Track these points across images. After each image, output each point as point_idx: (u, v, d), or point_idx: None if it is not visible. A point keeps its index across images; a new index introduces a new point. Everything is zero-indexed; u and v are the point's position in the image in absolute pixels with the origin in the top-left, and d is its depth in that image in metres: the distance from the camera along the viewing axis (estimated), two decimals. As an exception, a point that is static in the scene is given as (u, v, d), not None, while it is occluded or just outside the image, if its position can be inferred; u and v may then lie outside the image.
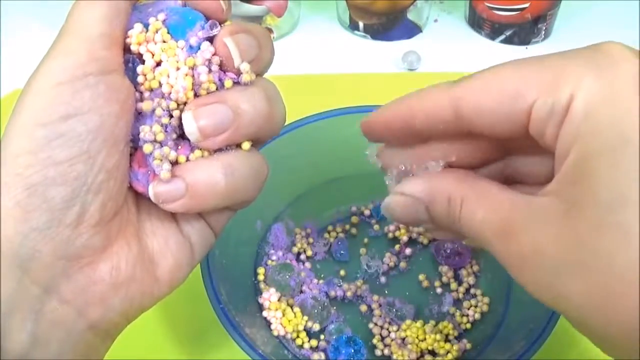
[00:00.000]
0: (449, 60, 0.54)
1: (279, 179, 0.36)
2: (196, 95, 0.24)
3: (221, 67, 0.24)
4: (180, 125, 0.24)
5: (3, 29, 0.57)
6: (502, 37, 0.55)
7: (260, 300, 0.35)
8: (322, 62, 0.54)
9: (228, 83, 0.24)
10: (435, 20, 0.59)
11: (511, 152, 0.25)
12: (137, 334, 0.25)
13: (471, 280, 0.37)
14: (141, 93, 0.24)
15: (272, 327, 0.34)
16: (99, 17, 0.23)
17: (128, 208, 0.25)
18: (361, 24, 0.55)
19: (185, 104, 0.24)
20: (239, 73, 0.24)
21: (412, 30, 0.56)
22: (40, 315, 0.22)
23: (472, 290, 0.37)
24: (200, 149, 0.25)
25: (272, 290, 0.35)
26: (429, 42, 0.56)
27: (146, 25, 0.24)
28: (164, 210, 0.25)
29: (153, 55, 0.24)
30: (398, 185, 0.25)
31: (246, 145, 0.25)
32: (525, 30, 0.54)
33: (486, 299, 0.36)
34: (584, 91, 0.19)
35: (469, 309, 0.36)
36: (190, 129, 0.23)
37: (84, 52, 0.22)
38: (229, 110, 0.24)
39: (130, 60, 0.24)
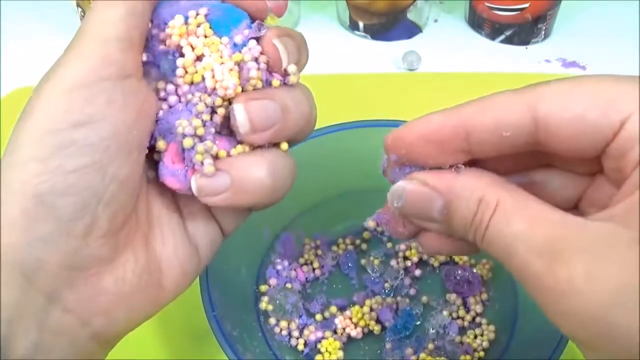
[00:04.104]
0: (449, 60, 0.54)
1: (292, 187, 0.36)
2: (242, 90, 0.24)
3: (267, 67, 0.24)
4: (221, 122, 0.24)
5: (3, 29, 0.57)
6: (502, 37, 0.55)
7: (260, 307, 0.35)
8: (322, 62, 0.54)
9: (276, 82, 0.24)
10: (435, 20, 0.59)
11: (538, 166, 0.23)
12: (131, 336, 0.25)
13: (479, 308, 0.36)
14: (177, 86, 0.24)
15: (270, 327, 0.34)
16: (116, 19, 0.22)
17: (137, 217, 0.24)
18: (361, 24, 0.55)
19: (229, 101, 0.24)
20: (283, 75, 0.24)
21: (412, 30, 0.56)
22: (44, 324, 0.21)
23: (478, 319, 0.36)
24: (242, 145, 0.24)
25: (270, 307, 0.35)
26: (429, 42, 0.56)
27: (185, 19, 0.24)
28: (175, 219, 0.25)
29: (193, 49, 0.23)
30: (417, 172, 0.22)
31: (285, 145, 0.25)
32: (525, 30, 0.54)
33: (492, 327, 0.35)
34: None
35: (475, 337, 0.35)
36: (242, 121, 0.23)
37: (98, 56, 0.21)
38: (278, 107, 0.24)
39: (171, 52, 0.24)
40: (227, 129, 0.24)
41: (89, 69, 0.21)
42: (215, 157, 0.24)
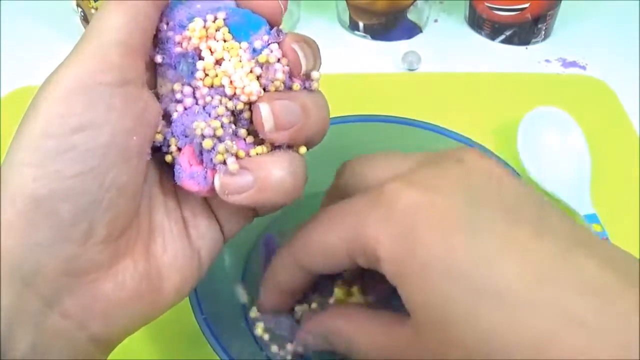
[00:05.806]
0: (449, 61, 0.54)
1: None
2: (265, 91, 0.24)
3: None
4: (238, 124, 0.24)
5: (3, 29, 0.57)
6: (502, 37, 0.55)
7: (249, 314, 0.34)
8: (322, 62, 0.54)
9: (296, 87, 0.24)
10: (435, 21, 0.59)
11: None
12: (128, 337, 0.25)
13: None
14: (194, 88, 0.24)
15: (257, 331, 0.33)
16: (118, 23, 0.21)
17: (138, 223, 0.24)
18: (361, 24, 0.55)
19: (249, 104, 0.24)
20: (302, 80, 0.25)
21: (412, 30, 0.56)
22: (41, 327, 0.21)
23: None
24: (261, 146, 0.24)
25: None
26: (429, 42, 0.56)
27: (204, 22, 0.24)
28: (177, 224, 0.25)
29: (212, 52, 0.23)
30: (304, 323, 0.30)
31: (303, 149, 0.25)
32: (525, 30, 0.54)
33: None
34: (380, 245, 0.23)
35: None
36: (267, 117, 0.23)
37: (98, 60, 0.21)
38: (299, 108, 0.24)
39: (190, 55, 0.23)
40: (244, 130, 0.25)
41: (87, 73, 0.21)
42: (235, 157, 0.24)
